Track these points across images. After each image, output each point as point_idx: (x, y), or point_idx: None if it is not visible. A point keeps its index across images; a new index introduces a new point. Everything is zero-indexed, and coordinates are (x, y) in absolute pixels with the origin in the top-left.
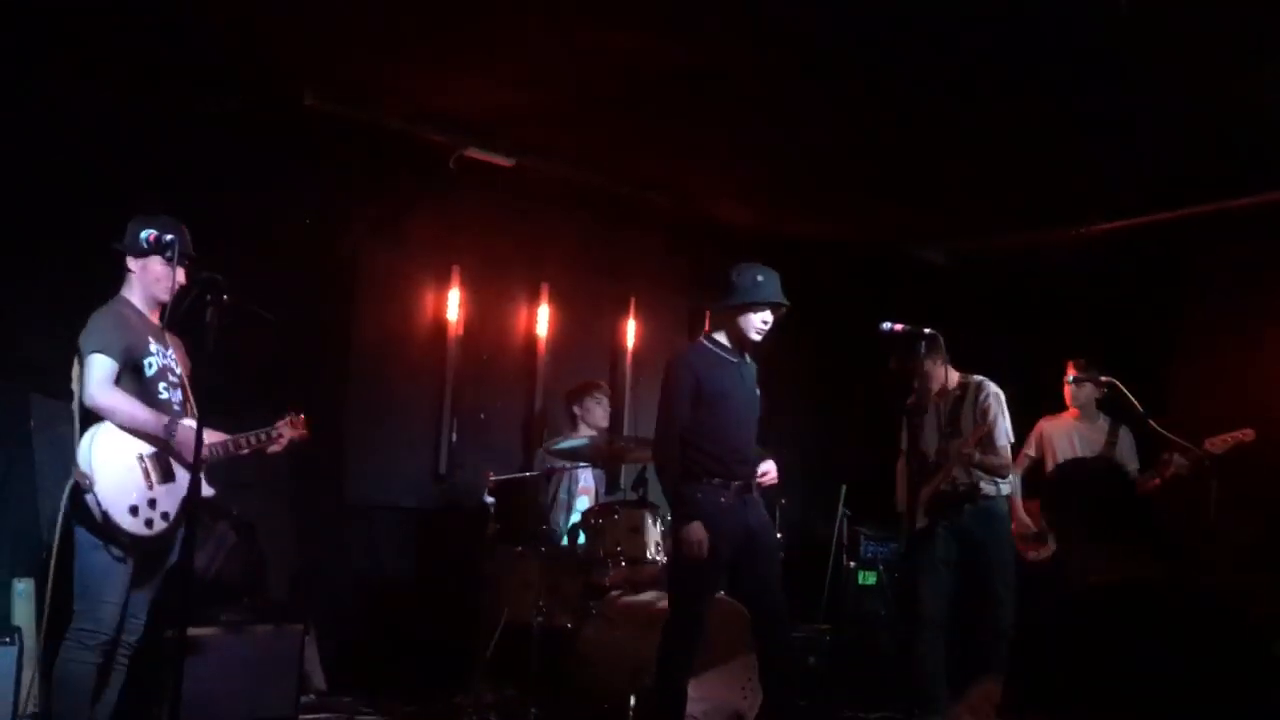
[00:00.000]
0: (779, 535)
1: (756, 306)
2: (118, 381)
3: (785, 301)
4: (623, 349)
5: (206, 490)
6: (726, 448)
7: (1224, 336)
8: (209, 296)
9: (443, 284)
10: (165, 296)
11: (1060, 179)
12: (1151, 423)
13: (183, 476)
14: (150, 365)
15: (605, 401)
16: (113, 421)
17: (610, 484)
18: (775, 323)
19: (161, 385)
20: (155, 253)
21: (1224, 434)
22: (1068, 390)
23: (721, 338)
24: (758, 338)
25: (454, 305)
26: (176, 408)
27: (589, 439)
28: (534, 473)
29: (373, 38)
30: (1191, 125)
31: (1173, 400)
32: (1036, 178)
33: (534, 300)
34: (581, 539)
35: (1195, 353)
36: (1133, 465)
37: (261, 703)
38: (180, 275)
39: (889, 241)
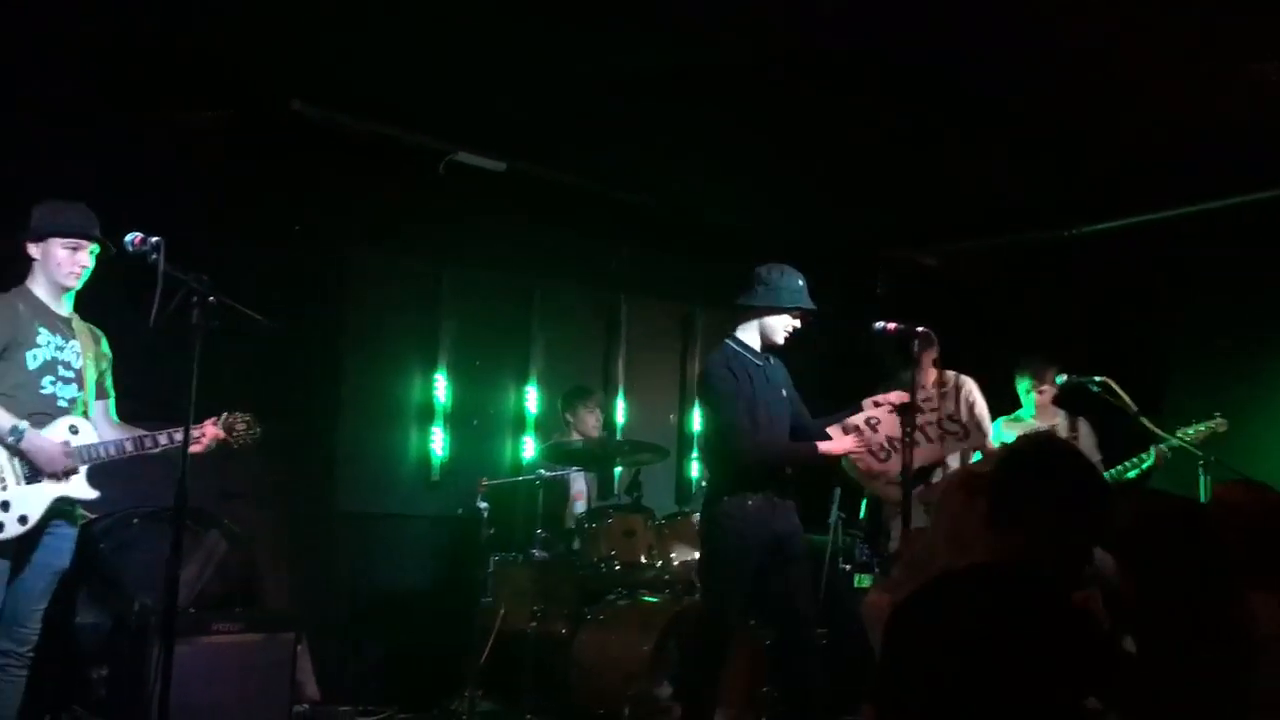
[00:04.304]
0: None
1: (789, 311)
2: None
3: (815, 307)
4: (616, 352)
5: (90, 493)
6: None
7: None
8: (194, 298)
9: (434, 288)
10: (70, 282)
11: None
12: (1144, 420)
13: (50, 479)
14: (34, 357)
15: (598, 412)
16: None
17: (603, 488)
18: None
19: (47, 379)
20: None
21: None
22: (1046, 394)
23: (746, 338)
24: (782, 341)
25: (445, 309)
26: (64, 403)
27: (582, 442)
28: (527, 477)
29: (360, 42)
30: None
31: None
32: (1027, 180)
33: (527, 303)
34: (576, 544)
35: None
36: (1096, 458)
37: (254, 713)
38: (84, 257)
39: (872, 243)
